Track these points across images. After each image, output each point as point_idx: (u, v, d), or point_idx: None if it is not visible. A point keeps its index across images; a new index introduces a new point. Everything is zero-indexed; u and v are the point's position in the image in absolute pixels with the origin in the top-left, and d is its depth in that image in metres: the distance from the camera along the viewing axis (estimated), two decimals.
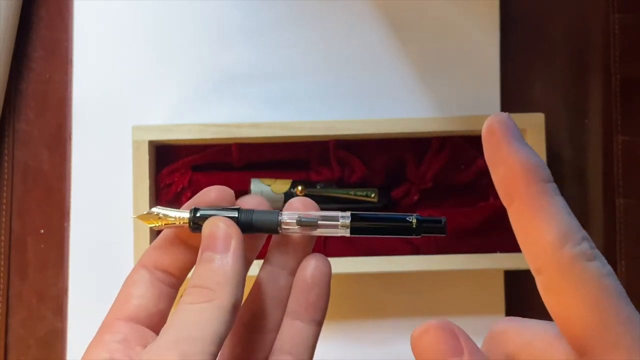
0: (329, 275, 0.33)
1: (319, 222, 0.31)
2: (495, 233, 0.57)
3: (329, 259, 0.54)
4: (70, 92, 0.60)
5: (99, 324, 0.30)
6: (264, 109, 0.59)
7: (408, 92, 0.59)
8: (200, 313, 0.28)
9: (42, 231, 0.59)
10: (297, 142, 0.56)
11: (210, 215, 0.31)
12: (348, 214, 0.31)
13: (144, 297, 0.31)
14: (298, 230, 0.32)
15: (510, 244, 0.57)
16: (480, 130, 0.25)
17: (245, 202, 0.33)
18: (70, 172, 0.59)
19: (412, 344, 0.26)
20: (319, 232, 0.32)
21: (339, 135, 0.56)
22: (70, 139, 0.60)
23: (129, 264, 0.54)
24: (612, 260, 0.59)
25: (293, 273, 0.33)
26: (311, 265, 0.33)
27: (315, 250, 0.58)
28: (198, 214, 0.31)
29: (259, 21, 0.60)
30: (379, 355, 0.58)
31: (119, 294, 0.31)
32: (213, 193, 0.32)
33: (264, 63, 0.60)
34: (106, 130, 0.59)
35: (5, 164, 0.59)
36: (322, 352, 0.59)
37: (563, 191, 0.25)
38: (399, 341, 0.58)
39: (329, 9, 0.60)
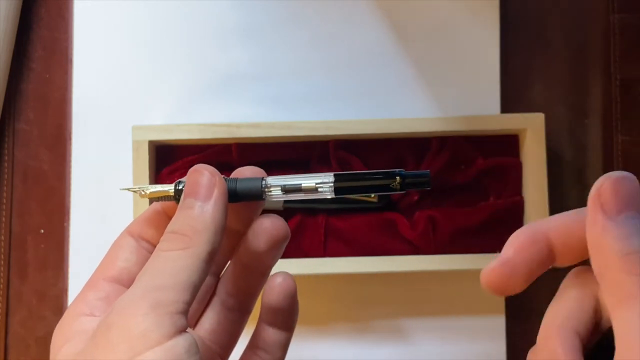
0: (294, 292, 0.34)
1: (302, 185, 0.31)
2: (495, 233, 0.57)
3: (329, 259, 0.55)
4: (70, 92, 0.60)
5: None
6: (264, 109, 0.59)
7: (408, 92, 0.59)
8: (175, 261, 0.28)
9: (42, 231, 0.59)
10: (297, 142, 0.56)
11: None
12: (331, 174, 0.31)
13: (128, 260, 0.31)
14: (282, 195, 0.32)
15: None
16: (480, 130, 0.25)
17: (242, 172, 0.33)
18: (70, 172, 0.59)
19: (595, 193, 0.25)
20: (303, 195, 0.31)
21: (339, 135, 0.56)
22: (70, 139, 0.60)
23: None
24: None
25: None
26: (277, 284, 0.33)
27: (315, 250, 0.58)
28: (180, 187, 0.31)
29: (259, 21, 0.60)
30: (379, 355, 0.58)
31: (105, 256, 0.32)
32: (248, 172, 0.32)
33: (263, 63, 0.60)
34: (106, 130, 0.59)
35: (5, 164, 0.59)
36: (322, 352, 0.59)
37: (563, 191, 0.25)
38: (399, 341, 0.58)
39: (329, 9, 0.60)
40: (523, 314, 0.59)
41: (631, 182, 0.25)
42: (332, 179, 0.31)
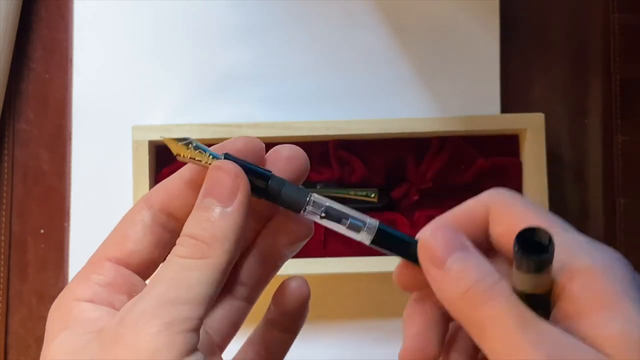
0: (308, 298, 0.33)
1: (342, 220, 0.29)
2: None
3: (329, 259, 0.55)
4: (70, 92, 0.60)
5: None
6: (264, 109, 0.59)
7: (408, 92, 0.59)
8: (192, 271, 0.26)
9: (42, 231, 0.59)
10: (297, 142, 0.56)
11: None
12: (376, 223, 0.29)
13: (140, 242, 0.29)
14: (318, 219, 0.29)
15: None
16: (480, 130, 0.26)
17: (280, 152, 0.31)
18: (70, 172, 0.59)
19: (420, 246, 0.27)
20: (338, 228, 0.29)
21: (339, 135, 0.56)
22: (70, 139, 0.60)
23: None
24: None
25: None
26: (292, 288, 0.32)
27: (314, 249, 0.58)
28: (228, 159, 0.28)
29: (259, 21, 0.60)
30: (379, 355, 0.58)
31: (114, 231, 0.30)
32: (240, 142, 0.30)
33: (264, 63, 0.60)
34: (106, 130, 0.59)
35: (5, 164, 0.59)
36: (322, 352, 0.59)
37: (563, 191, 0.25)
38: (399, 341, 0.58)
39: (329, 9, 0.60)
40: None
41: (444, 229, 0.27)
42: (374, 230, 0.29)
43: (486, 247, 0.29)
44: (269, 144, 0.56)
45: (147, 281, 0.30)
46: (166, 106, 0.59)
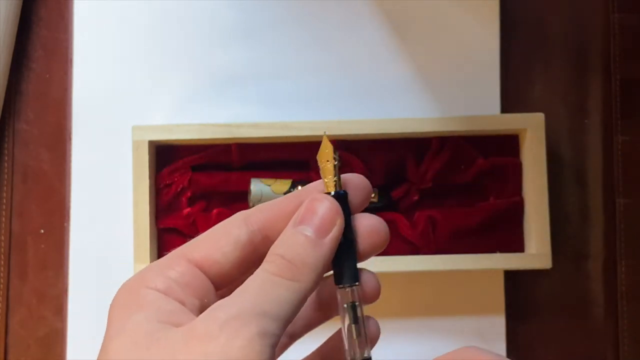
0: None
1: (353, 323, 0.30)
2: (495, 233, 0.57)
3: None
4: (70, 92, 0.60)
5: (99, 324, 0.29)
6: (264, 109, 0.59)
7: (408, 92, 0.59)
8: (283, 290, 0.27)
9: (42, 231, 0.59)
10: (297, 142, 0.56)
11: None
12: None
13: (228, 256, 0.29)
14: (340, 307, 0.30)
15: (510, 244, 0.57)
16: (480, 130, 0.26)
17: (352, 180, 0.31)
18: (70, 172, 0.59)
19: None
20: (346, 324, 0.30)
21: (339, 135, 0.56)
22: (70, 139, 0.60)
23: (129, 264, 0.54)
24: (612, 260, 0.59)
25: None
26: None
27: None
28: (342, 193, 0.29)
29: (259, 21, 0.60)
30: (379, 355, 0.58)
31: (206, 235, 0.30)
32: (359, 181, 0.31)
33: (264, 63, 0.60)
34: (106, 130, 0.59)
35: (5, 164, 0.59)
36: None
37: (563, 191, 0.25)
38: (399, 341, 0.58)
39: (329, 9, 0.60)
40: (523, 314, 0.59)
41: None
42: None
43: None
44: (269, 144, 0.56)
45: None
46: (166, 106, 0.59)
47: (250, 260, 0.29)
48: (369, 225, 0.30)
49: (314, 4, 0.60)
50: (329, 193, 0.30)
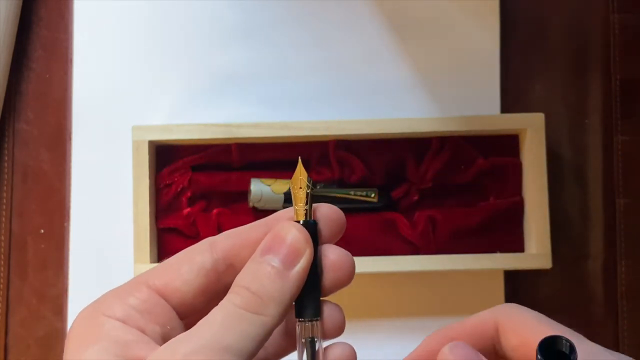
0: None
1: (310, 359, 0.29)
2: (495, 233, 0.57)
3: None
4: (70, 92, 0.60)
5: None
6: (264, 109, 0.59)
7: (408, 92, 0.59)
8: (246, 324, 0.26)
9: (42, 231, 0.59)
10: (297, 142, 0.56)
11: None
12: None
13: (190, 284, 0.28)
14: (299, 341, 0.29)
15: (510, 244, 0.57)
16: (480, 130, 0.26)
17: (322, 210, 0.30)
18: (70, 172, 0.59)
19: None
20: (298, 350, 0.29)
21: (339, 135, 0.56)
22: (70, 139, 0.60)
23: (129, 264, 0.54)
24: (612, 260, 0.59)
25: None
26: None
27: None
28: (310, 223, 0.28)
29: (259, 21, 0.60)
30: (379, 355, 0.58)
31: (168, 262, 0.29)
32: (329, 211, 0.29)
33: (263, 63, 0.60)
34: (106, 130, 0.59)
35: (5, 164, 0.59)
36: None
37: (563, 191, 0.25)
38: (399, 341, 0.58)
39: (329, 9, 0.60)
40: None
41: (464, 349, 0.28)
42: None
43: (494, 358, 0.30)
44: (269, 144, 0.56)
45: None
46: (166, 106, 0.59)
47: (214, 289, 0.29)
48: (334, 259, 0.29)
49: (314, 4, 0.60)
50: (298, 221, 0.29)
